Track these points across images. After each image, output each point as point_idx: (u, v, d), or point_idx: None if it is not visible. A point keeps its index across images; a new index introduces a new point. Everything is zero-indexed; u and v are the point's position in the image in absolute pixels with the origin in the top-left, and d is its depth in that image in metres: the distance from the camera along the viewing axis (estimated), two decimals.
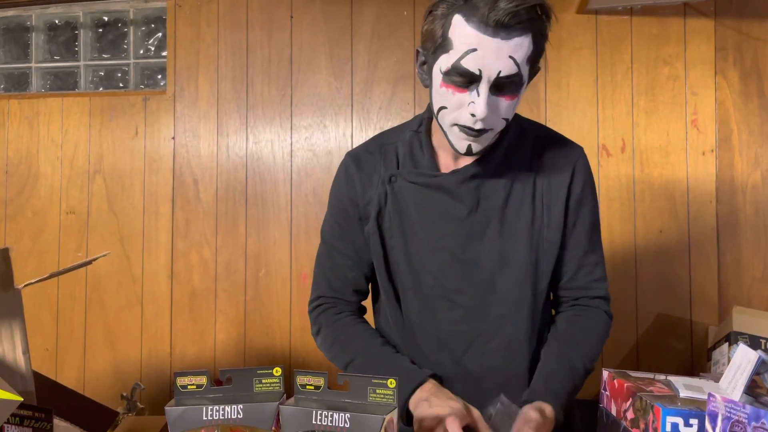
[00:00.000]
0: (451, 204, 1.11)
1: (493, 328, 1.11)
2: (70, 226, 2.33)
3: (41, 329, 2.32)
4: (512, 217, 1.10)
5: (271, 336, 2.20)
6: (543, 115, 2.07)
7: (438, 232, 1.11)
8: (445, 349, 1.12)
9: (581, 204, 1.14)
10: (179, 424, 0.86)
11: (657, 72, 2.03)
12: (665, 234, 2.01)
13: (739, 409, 0.64)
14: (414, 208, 1.12)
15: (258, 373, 0.90)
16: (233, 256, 2.24)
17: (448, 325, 1.12)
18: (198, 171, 2.28)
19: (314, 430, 0.83)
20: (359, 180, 1.17)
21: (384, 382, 0.85)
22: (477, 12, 0.92)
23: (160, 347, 2.27)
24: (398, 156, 1.16)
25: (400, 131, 1.21)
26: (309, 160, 2.22)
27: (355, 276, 1.21)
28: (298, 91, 2.23)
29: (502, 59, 0.94)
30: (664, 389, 0.84)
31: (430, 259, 1.12)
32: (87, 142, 2.34)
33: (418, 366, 1.11)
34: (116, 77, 2.46)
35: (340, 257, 1.21)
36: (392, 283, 1.16)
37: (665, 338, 2.01)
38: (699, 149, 2.01)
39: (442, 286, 1.12)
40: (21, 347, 1.09)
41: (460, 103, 0.99)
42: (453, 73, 0.96)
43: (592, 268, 1.16)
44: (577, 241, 1.14)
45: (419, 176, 1.12)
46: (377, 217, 1.14)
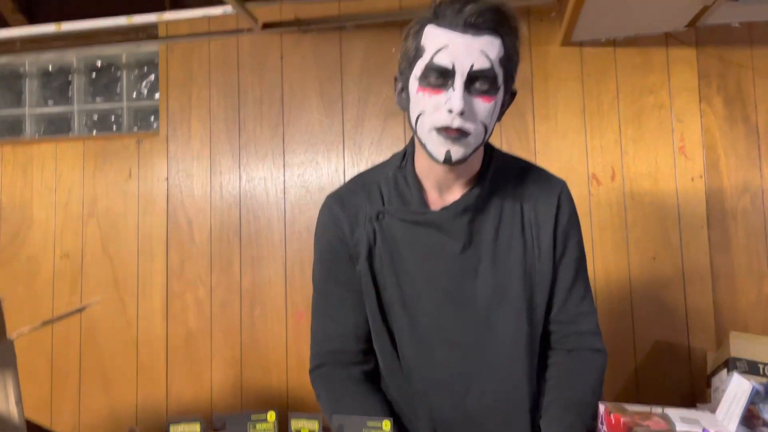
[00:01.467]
0: (443, 240, 1.09)
1: (492, 366, 1.08)
2: (64, 271, 2.33)
3: (35, 376, 2.29)
4: (503, 250, 1.09)
5: (268, 376, 2.18)
6: (532, 146, 2.09)
7: (431, 270, 1.09)
8: (444, 393, 1.09)
9: (568, 236, 1.14)
10: None
11: (642, 101, 2.07)
12: (659, 260, 2.02)
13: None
14: (405, 246, 1.10)
15: (252, 419, 0.90)
16: (228, 296, 2.23)
17: (446, 367, 1.09)
18: (192, 211, 2.29)
19: None
20: (345, 220, 1.14)
21: (378, 424, 0.85)
22: (445, 18, 0.99)
23: (156, 390, 2.24)
24: (383, 194, 1.14)
25: (380, 169, 1.19)
26: (302, 196, 2.23)
27: (356, 319, 1.15)
28: (290, 129, 2.26)
29: (473, 53, 0.97)
30: (660, 423, 0.83)
31: (425, 299, 1.09)
32: (81, 185, 2.35)
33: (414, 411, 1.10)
34: (110, 120, 2.48)
35: (337, 302, 1.16)
36: (386, 326, 1.12)
37: (664, 365, 2.00)
38: (688, 175, 2.03)
39: (438, 327, 1.09)
40: (14, 398, 1.08)
41: (437, 104, 1.00)
42: (428, 73, 0.99)
43: (579, 301, 1.14)
44: (564, 273, 1.13)
45: (409, 213, 1.11)
46: (368, 257, 1.11)
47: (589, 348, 1.14)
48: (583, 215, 2.05)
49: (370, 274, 1.12)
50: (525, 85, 2.11)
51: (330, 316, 1.17)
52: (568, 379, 1.11)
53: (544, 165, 1.24)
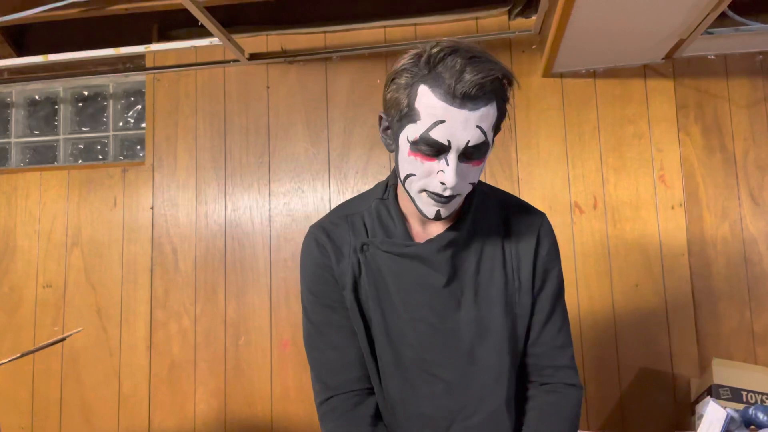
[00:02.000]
0: (428, 273, 1.08)
1: (475, 400, 1.08)
2: (46, 300, 2.31)
3: (17, 407, 2.26)
4: (485, 283, 1.09)
5: (253, 406, 2.16)
6: (515, 174, 2.12)
7: (415, 303, 1.09)
8: (427, 427, 1.09)
9: (547, 268, 1.14)
10: None
11: (623, 130, 2.11)
12: (641, 288, 2.04)
13: None
14: (390, 278, 1.10)
15: None
16: (212, 325, 2.22)
17: (429, 401, 1.08)
18: (177, 240, 2.28)
19: None
20: (332, 249, 1.13)
21: None
22: (443, 83, 0.93)
23: (138, 421, 2.21)
24: (366, 225, 1.13)
25: (362, 200, 1.19)
26: (287, 225, 2.24)
27: (357, 345, 1.12)
28: (275, 158, 2.27)
29: (469, 130, 0.94)
30: None
31: (409, 331, 1.09)
32: (65, 214, 2.35)
33: None
34: (95, 149, 2.49)
35: (334, 330, 1.13)
36: (373, 358, 1.11)
37: (649, 392, 2.01)
38: (668, 203, 2.06)
39: (422, 360, 1.08)
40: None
41: (428, 171, 0.98)
42: (421, 143, 0.96)
43: (555, 333, 1.14)
44: (541, 305, 1.13)
45: (393, 246, 1.10)
46: (354, 289, 1.10)
47: (565, 383, 1.13)
48: (566, 243, 2.07)
49: (356, 306, 1.11)
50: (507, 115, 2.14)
51: (329, 346, 1.13)
52: (544, 415, 1.10)
53: (527, 193, 1.26)
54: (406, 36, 2.23)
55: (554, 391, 1.12)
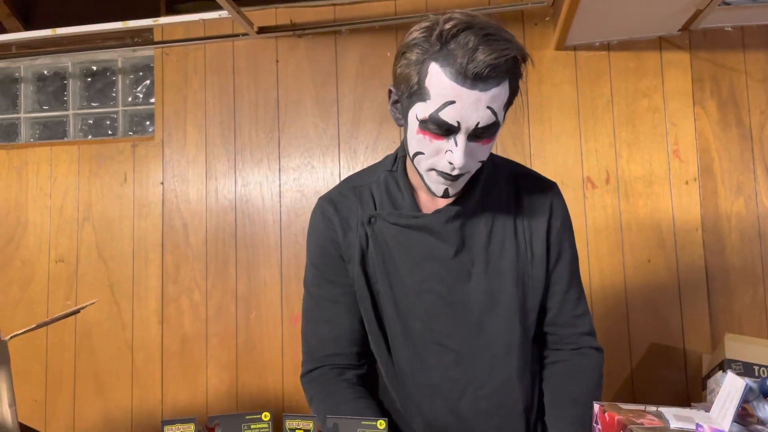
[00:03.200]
0: (436, 245, 1.08)
1: (485, 371, 1.08)
2: (59, 275, 2.32)
3: (30, 380, 2.28)
4: (496, 254, 1.09)
5: (264, 379, 2.18)
6: (527, 150, 2.10)
7: (423, 274, 1.08)
8: (438, 397, 1.09)
9: (561, 239, 1.14)
10: None
11: (636, 104, 2.08)
12: (653, 263, 2.02)
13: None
14: (397, 250, 1.09)
15: (246, 419, 0.89)
16: (224, 300, 2.23)
17: (439, 372, 1.08)
18: (187, 215, 2.28)
19: None
20: (338, 222, 1.12)
21: (373, 423, 0.84)
22: (454, 62, 0.90)
23: (151, 394, 2.24)
24: (374, 197, 1.12)
25: (371, 172, 1.18)
26: (298, 200, 2.23)
27: (351, 322, 1.13)
28: (285, 133, 2.26)
29: (480, 110, 0.92)
30: (654, 421, 0.83)
31: (417, 303, 1.08)
32: (76, 189, 2.35)
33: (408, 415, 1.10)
34: (105, 125, 2.48)
35: (330, 304, 1.14)
36: (382, 330, 1.11)
37: (660, 368, 2.01)
38: (682, 179, 2.04)
39: (431, 331, 1.08)
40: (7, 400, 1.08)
41: (437, 149, 0.97)
42: (430, 123, 0.94)
43: (575, 303, 1.15)
44: (559, 277, 1.13)
45: (401, 217, 1.09)
46: (361, 262, 1.10)
47: (589, 346, 1.15)
48: (578, 218, 2.05)
49: (363, 279, 1.10)
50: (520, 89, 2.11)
51: (323, 319, 1.14)
52: (571, 375, 1.12)
53: (539, 168, 1.25)
54: (417, 8, 2.20)
55: (579, 354, 1.14)
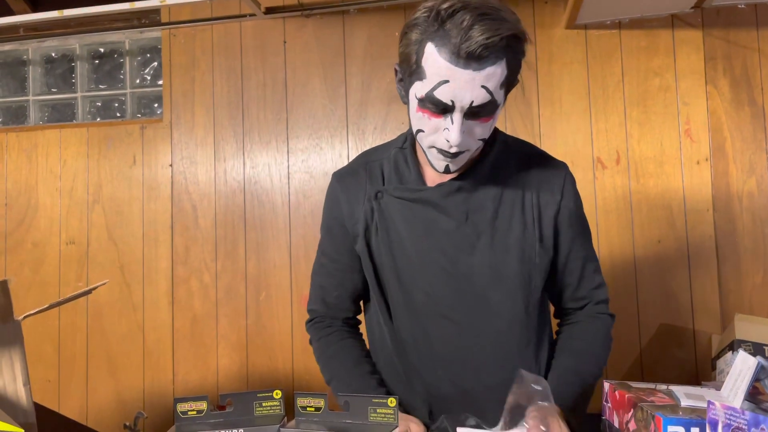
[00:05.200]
0: (438, 217, 1.11)
1: (487, 344, 1.10)
2: (70, 257, 2.34)
3: (43, 360, 2.31)
4: (503, 229, 1.10)
5: (274, 359, 2.20)
6: (537, 130, 2.09)
7: (427, 247, 1.11)
8: (439, 368, 1.11)
9: (575, 219, 1.16)
10: None
11: (648, 83, 2.05)
12: (664, 244, 2.02)
13: (738, 415, 0.64)
14: (401, 224, 1.12)
15: (258, 397, 0.90)
16: (233, 281, 2.24)
17: (441, 343, 1.11)
18: (196, 197, 2.29)
19: None
20: (345, 200, 1.17)
21: (384, 401, 0.85)
22: (449, 42, 0.92)
23: (163, 375, 2.26)
24: (383, 172, 1.17)
25: (384, 149, 1.22)
26: (306, 182, 2.23)
27: (339, 295, 1.22)
28: (293, 115, 2.25)
29: (474, 90, 0.94)
30: (665, 399, 0.83)
31: (420, 275, 1.11)
32: (85, 172, 2.36)
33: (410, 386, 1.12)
34: (113, 107, 2.48)
35: (326, 276, 1.23)
36: (386, 302, 1.15)
37: (669, 348, 2.01)
38: (693, 158, 2.02)
39: (434, 303, 1.11)
40: (22, 379, 1.09)
41: (436, 127, 1.00)
42: (427, 101, 0.97)
43: (592, 277, 1.18)
44: (576, 254, 1.16)
45: (405, 191, 1.13)
46: (365, 235, 1.14)
47: (602, 313, 1.19)
48: (588, 199, 2.04)
49: (367, 252, 1.15)
50: (529, 69, 2.10)
51: (330, 276, 1.23)
52: (577, 333, 1.17)
53: (549, 149, 1.25)
54: None
55: (589, 316, 1.19)
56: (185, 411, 0.89)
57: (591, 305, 1.19)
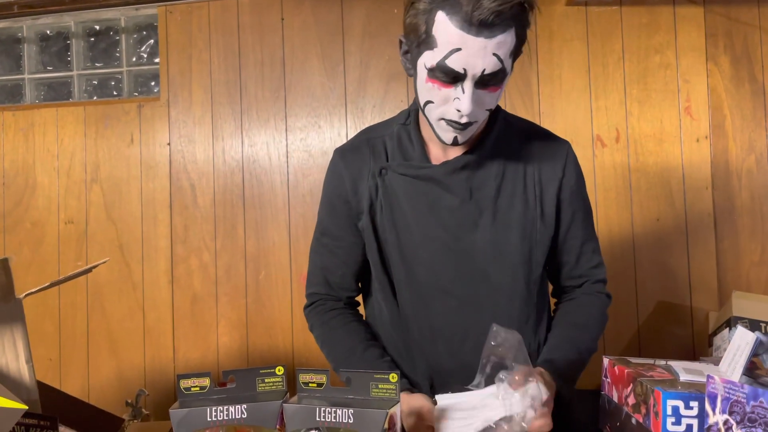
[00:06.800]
0: (442, 195, 1.12)
1: (487, 318, 1.09)
2: (69, 236, 2.34)
3: (44, 340, 2.32)
4: (505, 207, 1.12)
5: (274, 338, 2.21)
6: (536, 107, 2.08)
7: (430, 223, 1.12)
8: (440, 342, 1.13)
9: (576, 196, 1.17)
10: (184, 425, 0.86)
11: (648, 61, 2.04)
12: (662, 222, 2.02)
13: (737, 389, 0.65)
14: (405, 200, 1.13)
15: (261, 373, 0.91)
16: (233, 260, 2.24)
17: (442, 317, 1.12)
18: (195, 176, 2.28)
19: (318, 427, 0.84)
20: (348, 176, 1.17)
21: (386, 377, 0.85)
22: (460, 10, 0.92)
23: (163, 353, 2.27)
24: (387, 149, 1.17)
25: (386, 125, 1.22)
26: (305, 161, 2.23)
27: (343, 274, 1.21)
28: (291, 93, 2.24)
29: (486, 57, 0.95)
30: (664, 374, 0.84)
31: (423, 251, 1.12)
32: (83, 151, 2.35)
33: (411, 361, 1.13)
34: (110, 85, 2.46)
35: (328, 255, 1.22)
36: (388, 277, 1.16)
37: (666, 325, 2.02)
38: (693, 136, 2.01)
39: (435, 278, 1.12)
40: (24, 357, 1.09)
41: (445, 98, 1.00)
42: (438, 71, 0.97)
43: (590, 256, 1.20)
44: (575, 232, 1.17)
45: (409, 168, 1.13)
46: (369, 211, 1.15)
47: (599, 292, 1.21)
48: (587, 177, 2.01)
49: (371, 228, 1.15)
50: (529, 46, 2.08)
51: (333, 254, 1.21)
52: (574, 307, 1.19)
53: (548, 127, 1.26)
54: None
55: (586, 294, 1.20)
56: (188, 387, 0.90)
57: (588, 284, 1.20)
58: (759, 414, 0.62)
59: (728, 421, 0.65)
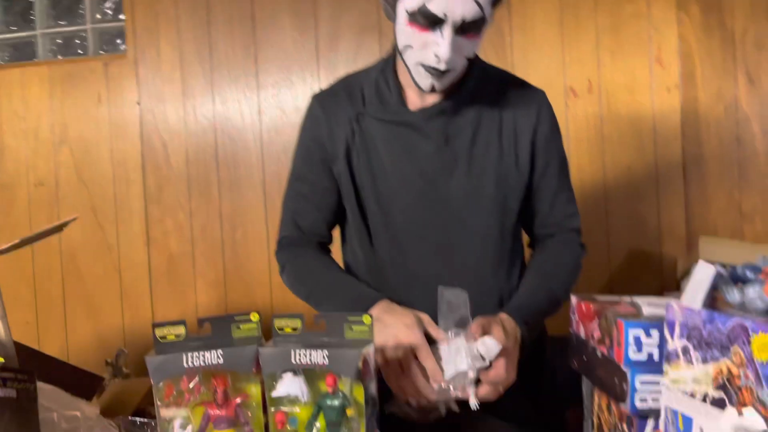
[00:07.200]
0: (418, 140, 1.12)
1: (462, 264, 1.13)
2: (40, 199, 2.30)
3: (20, 303, 2.30)
4: (480, 154, 1.13)
5: (252, 296, 2.22)
6: (509, 59, 2.07)
7: (406, 170, 1.13)
8: (416, 287, 1.14)
9: (550, 145, 1.18)
10: (160, 372, 0.88)
11: (620, 10, 2.04)
12: (633, 171, 2.05)
13: (694, 314, 0.67)
14: (382, 146, 1.14)
15: (236, 320, 0.92)
16: (208, 219, 2.23)
17: (417, 262, 1.14)
18: (166, 135, 2.25)
19: (294, 368, 0.85)
20: (325, 120, 1.18)
21: (359, 318, 0.87)
22: None
23: (142, 313, 2.27)
24: (364, 95, 1.17)
25: (364, 73, 1.22)
26: (278, 118, 2.21)
27: (315, 218, 1.21)
28: (262, 49, 2.20)
29: (467, 4, 0.96)
30: (629, 308, 0.87)
31: (399, 197, 1.14)
32: (50, 112, 2.29)
33: None
34: (74, 44, 2.40)
35: (301, 200, 1.22)
36: (365, 223, 1.17)
37: (637, 273, 2.07)
38: (663, 86, 2.03)
39: (411, 223, 1.14)
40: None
41: (424, 43, 1.01)
42: (418, 15, 0.98)
43: (564, 205, 1.21)
44: (549, 181, 1.19)
45: (386, 113, 1.14)
46: (346, 157, 1.15)
47: (574, 241, 1.21)
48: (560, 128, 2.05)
49: (348, 174, 1.16)
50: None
51: (305, 200, 1.22)
52: (547, 256, 1.19)
53: (521, 77, 1.26)
54: None
55: (560, 243, 1.21)
56: (164, 336, 0.91)
57: (562, 233, 1.21)
58: (715, 337, 0.64)
59: (686, 346, 0.68)
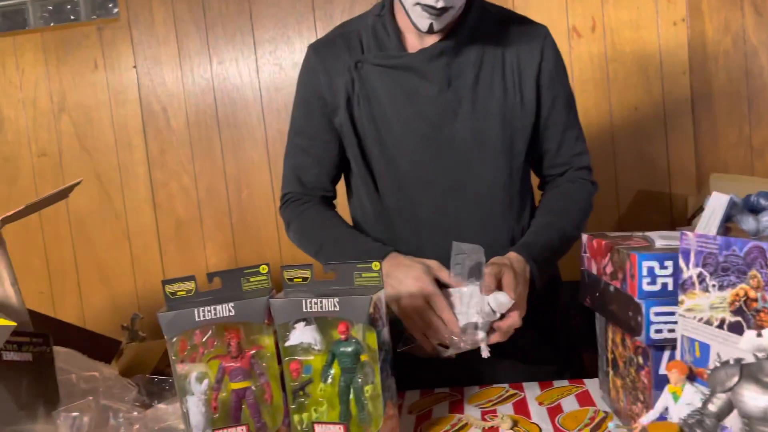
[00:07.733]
0: (420, 84, 1.10)
1: (470, 207, 1.12)
2: (43, 169, 2.30)
3: (32, 274, 2.32)
4: (484, 95, 1.10)
5: (262, 255, 2.23)
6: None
7: (409, 114, 1.10)
8: (424, 232, 1.13)
9: (555, 82, 1.15)
10: (173, 327, 0.88)
11: None
12: (640, 110, 2.01)
13: (710, 241, 0.66)
14: (383, 92, 1.11)
15: (245, 273, 0.92)
16: (213, 181, 2.23)
17: (425, 208, 1.12)
18: (165, 98, 2.22)
19: (306, 318, 0.85)
20: (322, 71, 1.14)
21: (369, 265, 0.86)
22: None
23: (154, 278, 2.29)
24: (362, 42, 1.14)
25: (361, 18, 1.19)
26: (276, 74, 2.17)
27: (317, 173, 1.19)
28: (256, 4, 2.15)
29: None
30: (641, 242, 0.86)
31: (403, 142, 1.11)
32: (46, 80, 2.26)
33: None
34: (66, 9, 2.35)
35: (301, 154, 1.20)
36: (370, 172, 1.15)
37: (646, 214, 2.05)
38: (670, 20, 1.98)
39: (417, 169, 1.12)
40: (9, 279, 1.09)
41: None
42: None
43: (573, 143, 1.18)
44: (556, 119, 1.16)
45: (386, 58, 1.11)
46: (347, 106, 1.13)
47: (584, 179, 1.19)
48: None
49: (350, 122, 1.13)
50: None
51: (295, 167, 1.20)
52: (558, 195, 1.18)
53: None
54: None
55: (571, 182, 1.19)
56: (174, 292, 0.91)
57: (571, 171, 1.19)
58: (732, 262, 0.63)
59: (702, 273, 0.67)
